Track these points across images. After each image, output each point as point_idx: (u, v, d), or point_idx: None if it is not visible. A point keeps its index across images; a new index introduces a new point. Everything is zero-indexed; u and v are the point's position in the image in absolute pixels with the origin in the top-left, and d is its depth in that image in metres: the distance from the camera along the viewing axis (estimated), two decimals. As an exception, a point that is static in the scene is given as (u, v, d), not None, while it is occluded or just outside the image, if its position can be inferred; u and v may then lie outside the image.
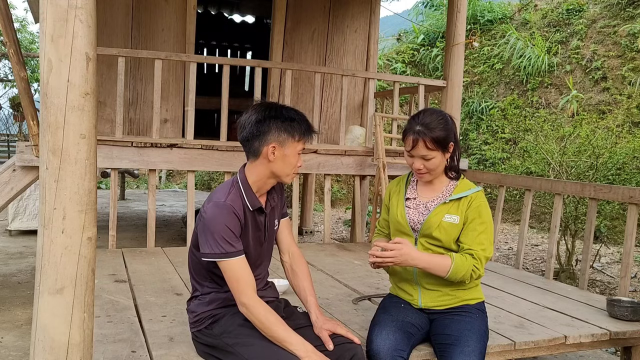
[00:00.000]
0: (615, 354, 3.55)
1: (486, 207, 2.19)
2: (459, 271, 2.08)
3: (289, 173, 1.96)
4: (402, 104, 10.42)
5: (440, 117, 2.15)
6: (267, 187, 2.00)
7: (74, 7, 1.50)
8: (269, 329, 1.81)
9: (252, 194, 1.95)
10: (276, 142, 1.89)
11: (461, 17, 4.92)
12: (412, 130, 2.13)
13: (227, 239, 1.83)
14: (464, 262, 2.09)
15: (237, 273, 1.84)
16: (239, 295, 1.84)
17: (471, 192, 2.19)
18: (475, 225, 2.14)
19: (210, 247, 1.84)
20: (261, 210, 1.99)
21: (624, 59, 9.08)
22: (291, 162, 1.94)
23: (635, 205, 3.28)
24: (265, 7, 7.83)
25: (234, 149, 4.47)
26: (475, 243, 2.12)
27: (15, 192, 3.86)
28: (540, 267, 5.73)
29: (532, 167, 6.20)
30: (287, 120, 1.90)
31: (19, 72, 3.48)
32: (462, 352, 2.01)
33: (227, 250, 1.83)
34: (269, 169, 1.94)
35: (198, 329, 1.99)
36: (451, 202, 2.19)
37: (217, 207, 1.86)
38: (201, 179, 12.63)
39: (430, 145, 2.10)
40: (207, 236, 1.85)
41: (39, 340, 1.54)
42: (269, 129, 1.88)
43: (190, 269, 2.06)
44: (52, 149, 1.51)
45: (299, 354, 1.77)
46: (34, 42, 15.69)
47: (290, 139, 1.90)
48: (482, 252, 2.12)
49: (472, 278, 2.13)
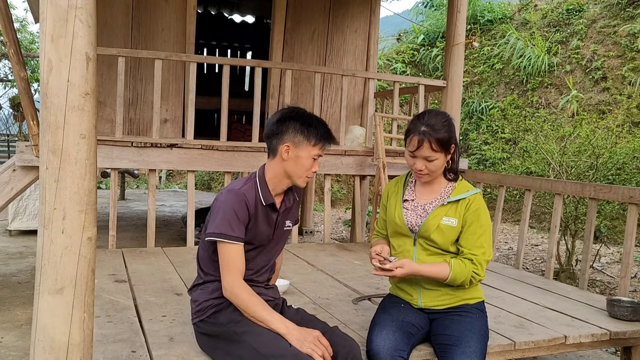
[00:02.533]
0: (615, 354, 3.55)
1: (485, 209, 2.19)
2: (458, 277, 2.10)
3: (301, 175, 2.01)
4: (402, 104, 10.43)
5: (444, 119, 2.15)
6: (282, 186, 2.05)
7: (74, 7, 1.50)
8: (252, 310, 1.88)
9: (267, 190, 2.01)
10: (291, 142, 1.96)
11: (461, 17, 4.92)
12: (417, 131, 2.11)
13: (231, 223, 1.90)
14: (463, 269, 2.10)
15: (229, 256, 1.91)
16: (226, 276, 1.91)
17: (469, 194, 2.19)
18: (474, 228, 2.14)
19: (215, 226, 1.91)
20: (274, 207, 2.03)
21: (624, 59, 9.08)
22: (303, 165, 1.98)
23: (635, 205, 3.28)
24: (265, 7, 7.83)
25: (234, 149, 4.48)
26: (475, 247, 2.13)
27: (15, 192, 3.86)
28: (540, 267, 5.73)
29: (532, 167, 6.20)
30: (306, 123, 1.96)
31: (19, 72, 3.48)
32: (464, 353, 2.01)
33: (227, 232, 1.90)
34: (282, 167, 2.00)
35: (200, 319, 2.00)
36: (449, 204, 2.18)
37: (230, 193, 1.95)
38: (201, 179, 12.63)
39: (435, 146, 2.10)
40: (215, 216, 1.93)
41: (39, 340, 1.54)
42: (286, 129, 1.96)
43: (197, 258, 2.10)
44: (52, 149, 1.51)
45: (281, 331, 1.85)
46: (34, 42, 15.69)
47: (305, 142, 1.96)
48: (482, 255, 2.12)
49: (473, 283, 2.15)
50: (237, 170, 4.55)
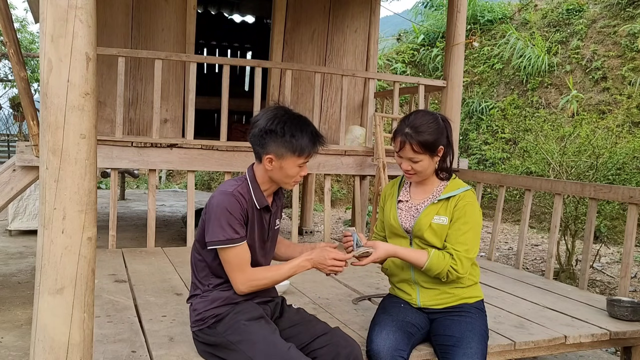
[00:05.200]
0: (615, 354, 3.55)
1: (473, 206, 2.16)
2: (434, 268, 2.09)
3: (287, 182, 1.99)
4: (402, 104, 10.42)
5: (432, 120, 2.12)
6: (272, 189, 2.04)
7: (74, 7, 1.50)
8: (276, 281, 1.97)
9: (260, 193, 1.99)
10: (274, 155, 1.91)
11: (461, 17, 4.92)
12: (400, 132, 2.12)
13: (232, 225, 1.87)
14: (441, 261, 2.08)
15: (237, 257, 1.90)
16: (238, 276, 1.92)
17: (459, 191, 2.17)
18: (459, 225, 2.13)
19: (215, 234, 1.88)
20: (267, 209, 2.02)
21: (624, 59, 9.08)
22: (288, 174, 1.95)
23: (635, 205, 3.28)
24: (265, 7, 7.83)
25: (234, 149, 4.47)
26: (457, 243, 2.11)
27: (15, 192, 3.86)
28: (540, 267, 5.73)
29: (532, 167, 6.20)
30: (289, 133, 1.89)
31: (19, 72, 3.48)
32: (465, 354, 2.01)
33: (232, 237, 1.87)
34: (267, 175, 1.98)
35: (200, 328, 1.98)
36: (440, 202, 2.18)
37: (223, 195, 1.91)
38: (201, 179, 12.63)
39: (416, 148, 2.09)
40: (214, 222, 1.89)
41: (39, 340, 1.54)
42: (269, 141, 1.90)
43: (192, 267, 2.06)
44: (52, 149, 1.51)
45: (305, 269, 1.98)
46: (34, 42, 15.68)
47: (289, 153, 1.91)
48: (464, 252, 2.09)
49: (449, 278, 2.11)
50: (237, 170, 4.55)
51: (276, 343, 1.84)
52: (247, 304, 1.98)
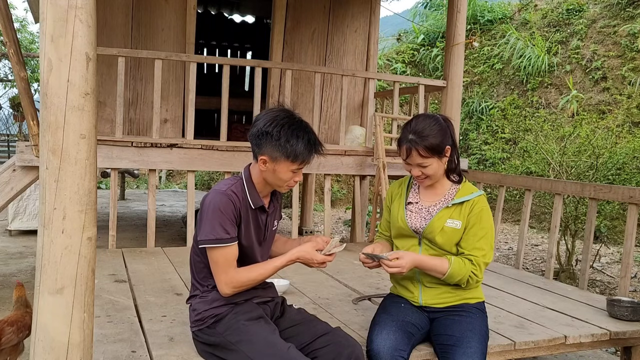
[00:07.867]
0: (615, 354, 3.55)
1: (487, 211, 2.18)
2: (456, 275, 2.10)
3: (280, 185, 1.99)
4: (402, 104, 10.42)
5: (434, 122, 2.12)
6: (267, 190, 2.03)
7: (74, 7, 1.50)
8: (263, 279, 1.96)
9: (255, 193, 1.98)
10: (268, 157, 1.91)
11: (461, 17, 4.92)
12: (405, 140, 2.12)
13: (223, 225, 1.86)
14: (462, 267, 2.10)
15: (222, 257, 1.89)
16: (222, 276, 1.91)
17: (473, 196, 2.18)
18: (476, 230, 2.14)
19: (205, 233, 1.88)
20: (263, 209, 2.01)
21: (624, 59, 9.08)
22: (281, 178, 1.94)
23: (635, 205, 3.28)
24: (265, 7, 7.82)
25: (234, 149, 4.47)
26: (475, 248, 2.13)
27: (15, 192, 3.86)
28: (540, 267, 5.73)
29: (532, 167, 6.20)
30: (283, 140, 1.87)
31: (19, 72, 3.48)
32: (465, 353, 2.01)
33: (222, 236, 1.87)
34: (262, 175, 1.97)
35: (199, 328, 1.98)
36: (454, 206, 2.18)
37: (216, 194, 1.91)
38: (201, 179, 12.62)
39: (424, 153, 2.09)
40: (205, 222, 1.89)
41: (39, 340, 1.54)
42: (265, 142, 1.89)
43: (191, 267, 2.06)
44: (52, 149, 1.50)
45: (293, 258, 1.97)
46: (34, 42, 15.68)
47: (283, 158, 1.89)
48: (482, 257, 2.12)
49: (470, 283, 2.14)
50: (237, 170, 4.54)
51: (276, 343, 1.84)
52: (247, 304, 1.98)
